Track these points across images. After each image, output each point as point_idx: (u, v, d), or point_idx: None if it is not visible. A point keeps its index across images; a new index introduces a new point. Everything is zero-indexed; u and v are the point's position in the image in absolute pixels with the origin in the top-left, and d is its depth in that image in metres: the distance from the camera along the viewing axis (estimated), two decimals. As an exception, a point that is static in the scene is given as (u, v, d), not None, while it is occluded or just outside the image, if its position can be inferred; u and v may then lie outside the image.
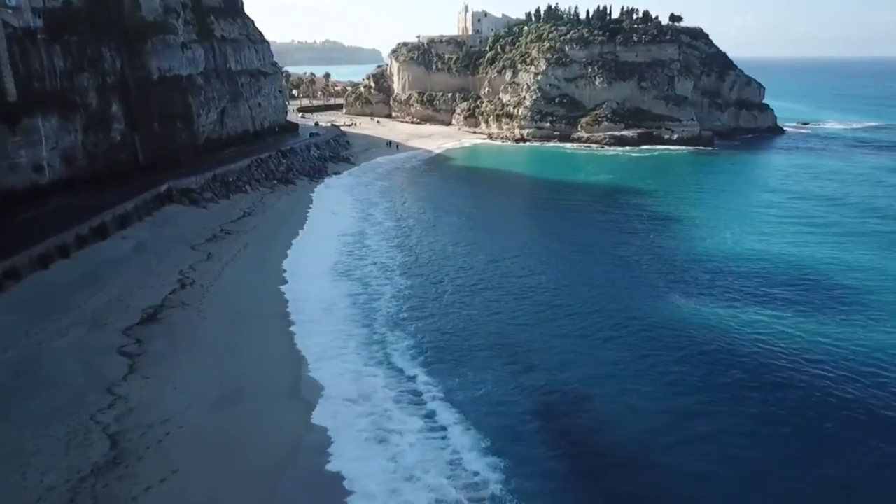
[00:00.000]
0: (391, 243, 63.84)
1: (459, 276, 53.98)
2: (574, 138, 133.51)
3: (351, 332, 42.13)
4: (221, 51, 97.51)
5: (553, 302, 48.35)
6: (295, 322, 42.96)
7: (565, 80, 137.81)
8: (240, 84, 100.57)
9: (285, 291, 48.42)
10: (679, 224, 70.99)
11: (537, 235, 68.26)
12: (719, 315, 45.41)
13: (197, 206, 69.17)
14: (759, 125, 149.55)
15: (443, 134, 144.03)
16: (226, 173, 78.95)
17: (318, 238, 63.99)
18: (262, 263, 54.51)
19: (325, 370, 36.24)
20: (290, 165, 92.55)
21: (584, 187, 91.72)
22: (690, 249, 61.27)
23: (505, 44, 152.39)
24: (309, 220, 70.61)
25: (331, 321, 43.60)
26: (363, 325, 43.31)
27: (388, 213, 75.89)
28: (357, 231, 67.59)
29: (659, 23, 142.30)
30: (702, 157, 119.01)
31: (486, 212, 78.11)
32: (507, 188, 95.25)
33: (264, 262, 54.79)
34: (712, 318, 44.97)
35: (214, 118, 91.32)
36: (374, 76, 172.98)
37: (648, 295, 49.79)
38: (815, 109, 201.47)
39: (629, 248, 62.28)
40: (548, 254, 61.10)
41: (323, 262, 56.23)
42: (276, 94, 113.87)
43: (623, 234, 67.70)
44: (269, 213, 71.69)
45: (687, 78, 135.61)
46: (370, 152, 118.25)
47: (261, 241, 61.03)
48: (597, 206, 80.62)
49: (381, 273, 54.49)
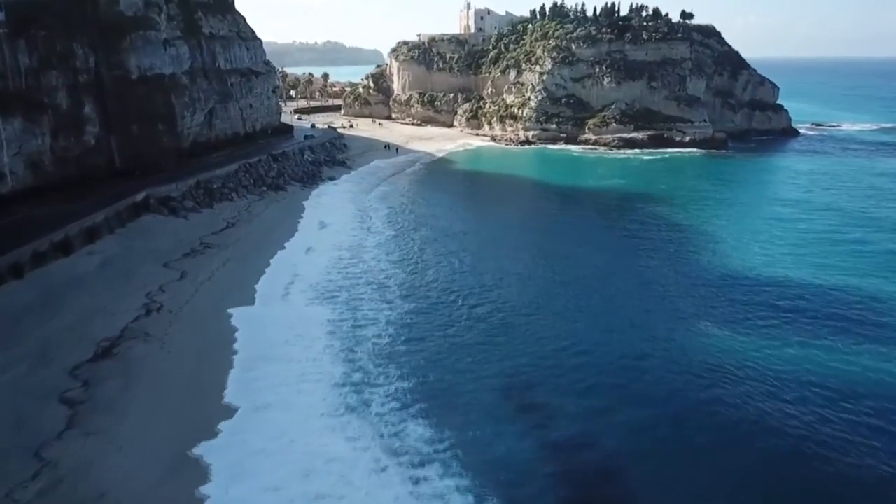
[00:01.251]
0: (387, 258, 58.17)
1: (462, 299, 48.30)
2: (581, 140, 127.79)
3: (320, 371, 36.01)
4: (210, 49, 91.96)
5: (571, 331, 42.69)
6: (239, 357, 36.65)
7: (572, 80, 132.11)
8: (229, 84, 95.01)
9: (237, 321, 41.75)
10: (702, 237, 65.21)
11: (547, 249, 62.48)
12: (763, 352, 39.58)
13: (176, 216, 63.52)
14: (773, 127, 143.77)
15: (444, 136, 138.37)
16: (210, 179, 73.28)
17: (307, 252, 58.32)
18: (242, 283, 48.79)
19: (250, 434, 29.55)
20: (282, 170, 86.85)
21: (596, 194, 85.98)
22: (717, 268, 55.50)
23: (509, 42, 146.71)
24: (299, 232, 64.89)
25: (294, 356, 37.62)
26: (344, 361, 37.52)
27: (386, 224, 70.22)
28: (350, 244, 61.89)
29: (669, 20, 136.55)
30: (716, 160, 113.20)
31: (492, 223, 72.33)
32: (512, 195, 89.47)
33: (244, 282, 49.08)
34: (755, 355, 39.09)
35: (201, 120, 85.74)
36: (374, 76, 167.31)
37: (675, 323, 44.10)
38: (826, 110, 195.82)
39: (649, 265, 56.58)
40: (561, 270, 55.41)
41: (307, 281, 50.56)
42: (268, 94, 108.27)
43: (641, 248, 61.94)
44: (256, 223, 65.98)
45: (699, 77, 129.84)
46: (368, 156, 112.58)
47: (243, 256, 55.33)
48: (610, 215, 74.88)
49: (375, 294, 48.79)
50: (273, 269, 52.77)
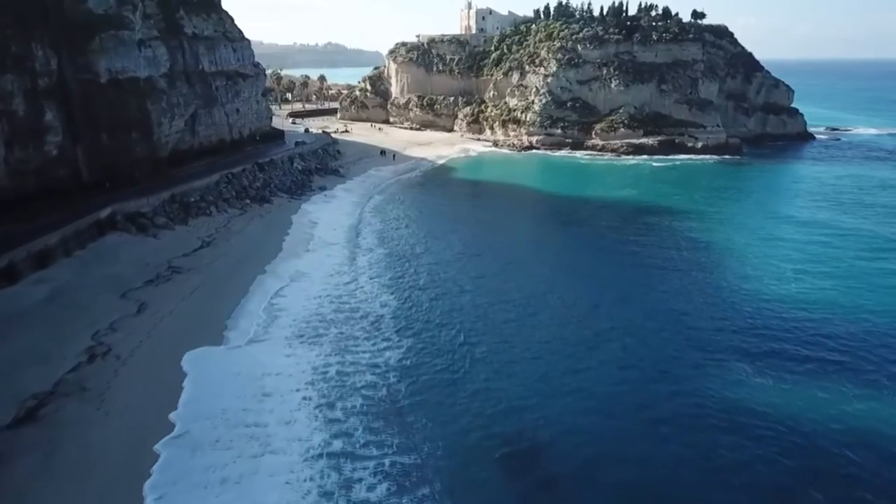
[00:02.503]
0: (380, 283, 52.04)
1: (464, 335, 42.19)
2: (587, 146, 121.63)
3: (290, 437, 29.66)
4: (192, 50, 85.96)
5: (589, 379, 36.57)
6: (186, 421, 30.15)
7: (578, 83, 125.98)
8: (214, 87, 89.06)
9: (196, 369, 35.29)
10: (725, 256, 59.04)
11: (556, 273, 56.16)
12: (807, 399, 33.64)
13: (145, 235, 57.39)
14: (788, 131, 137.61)
15: (444, 141, 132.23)
16: (187, 192, 67.17)
17: (290, 277, 52.11)
18: (211, 317, 42.61)
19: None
20: (268, 180, 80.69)
21: (606, 208, 79.59)
22: (745, 293, 49.31)
23: (511, 43, 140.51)
24: (283, 252, 58.48)
25: (261, 417, 31.31)
26: (324, 422, 31.33)
27: (379, 242, 64.05)
28: (339, 266, 55.74)
29: (680, 20, 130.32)
30: (731, 167, 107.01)
31: (494, 243, 65.84)
32: (516, 210, 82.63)
33: (213, 316, 42.90)
34: (797, 403, 33.25)
35: (181, 126, 79.67)
36: (371, 79, 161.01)
37: (703, 362, 38.07)
38: (838, 113, 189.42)
39: (669, 289, 50.45)
40: (572, 298, 49.19)
41: (288, 313, 44.46)
42: (257, 98, 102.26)
43: (660, 269, 55.77)
44: (235, 241, 59.78)
45: (711, 80, 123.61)
46: (363, 163, 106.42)
47: (216, 282, 49.15)
48: (623, 232, 68.51)
49: (365, 330, 42.64)
50: (249, 299, 46.48)
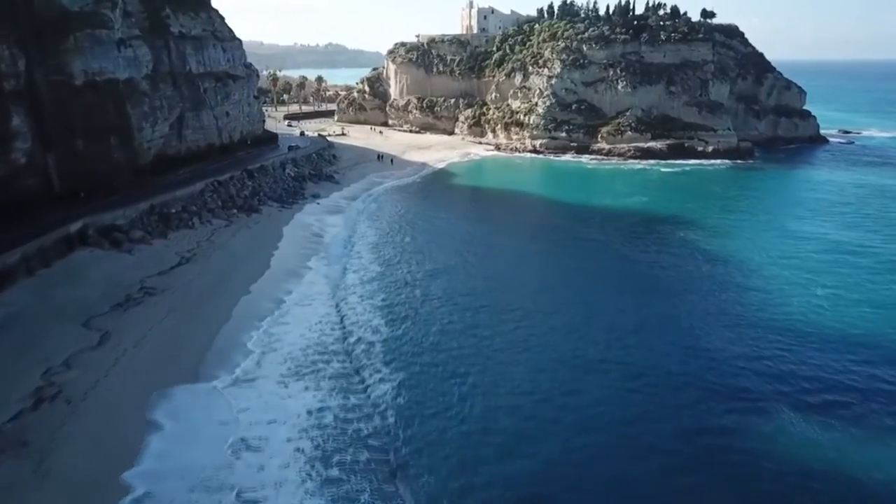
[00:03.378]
0: (372, 304, 47.61)
1: (470, 369, 37.71)
2: (593, 150, 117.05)
3: None
4: (179, 50, 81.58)
5: (611, 418, 32.13)
6: (147, 486, 25.85)
7: (583, 84, 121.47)
8: (202, 89, 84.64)
9: (162, 416, 30.93)
10: (747, 276, 54.25)
11: (567, 296, 51.45)
12: (860, 454, 29.18)
13: (119, 251, 52.92)
14: (800, 134, 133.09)
15: (444, 144, 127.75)
16: (168, 202, 62.71)
17: (278, 299, 47.59)
18: (183, 349, 38.10)
19: None
20: (257, 188, 76.12)
21: (616, 217, 74.91)
22: (774, 320, 44.71)
23: (514, 43, 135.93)
24: (270, 269, 53.87)
25: (237, 478, 26.90)
26: (318, 484, 26.84)
27: (375, 256, 59.46)
28: (331, 286, 51.19)
29: (689, 19, 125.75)
30: (744, 173, 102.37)
31: (497, 258, 60.95)
32: (520, 219, 77.70)
33: (186, 347, 38.39)
34: (851, 457, 28.78)
35: (166, 131, 75.25)
36: (369, 80, 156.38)
37: (737, 404, 33.57)
38: (848, 115, 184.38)
39: (689, 314, 45.87)
40: (585, 324, 44.68)
41: (276, 343, 39.98)
42: (248, 100, 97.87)
43: (677, 290, 51.23)
44: (217, 257, 55.26)
45: (722, 81, 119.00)
46: (360, 168, 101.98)
47: (193, 305, 44.68)
48: (636, 245, 63.86)
49: (363, 362, 38.29)
50: (232, 327, 41.95)
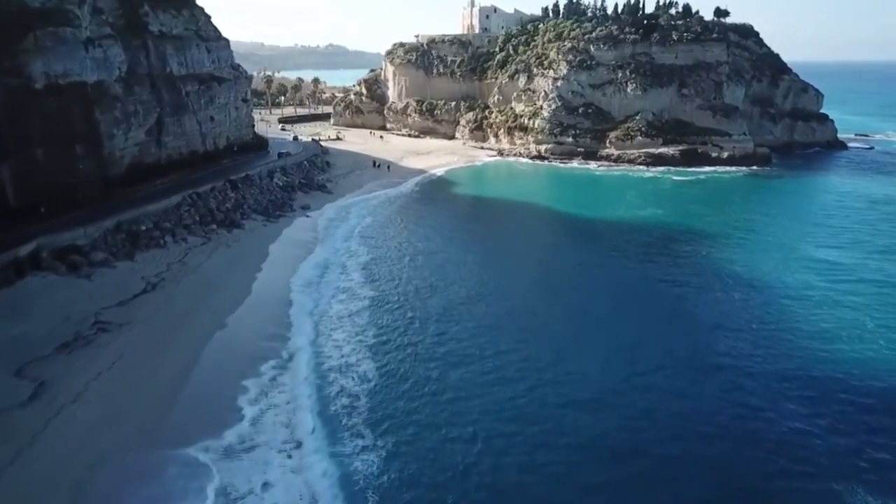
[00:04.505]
0: (363, 342, 41.68)
1: (478, 421, 31.82)
2: (601, 156, 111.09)
3: None
4: (158, 50, 75.94)
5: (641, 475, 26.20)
6: None
7: (590, 87, 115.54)
8: (184, 92, 78.80)
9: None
10: (788, 304, 48.19)
11: (582, 326, 45.71)
12: None
13: (77, 276, 46.99)
14: (818, 139, 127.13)
15: (445, 150, 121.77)
16: (138, 218, 56.79)
17: (258, 334, 41.66)
18: (131, 406, 32.12)
19: None
20: (240, 201, 70.11)
21: (632, 232, 68.83)
22: (824, 358, 38.90)
23: (518, 44, 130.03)
24: (251, 296, 47.93)
25: None
26: None
27: (366, 279, 53.33)
28: (319, 318, 45.17)
29: (701, 18, 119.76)
30: (763, 182, 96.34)
31: (500, 280, 54.79)
32: (526, 235, 70.73)
33: (134, 404, 32.41)
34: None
35: (141, 137, 69.45)
36: (367, 82, 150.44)
37: (793, 471, 27.67)
38: (861, 118, 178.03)
39: (723, 352, 40.01)
40: (599, 363, 38.76)
41: (250, 400, 33.94)
42: (236, 104, 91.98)
43: (705, 320, 45.34)
44: (189, 282, 49.28)
45: (737, 84, 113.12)
46: (355, 176, 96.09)
47: (153, 344, 38.72)
48: (658, 264, 57.78)
49: (349, 424, 32.40)
50: (200, 374, 35.83)
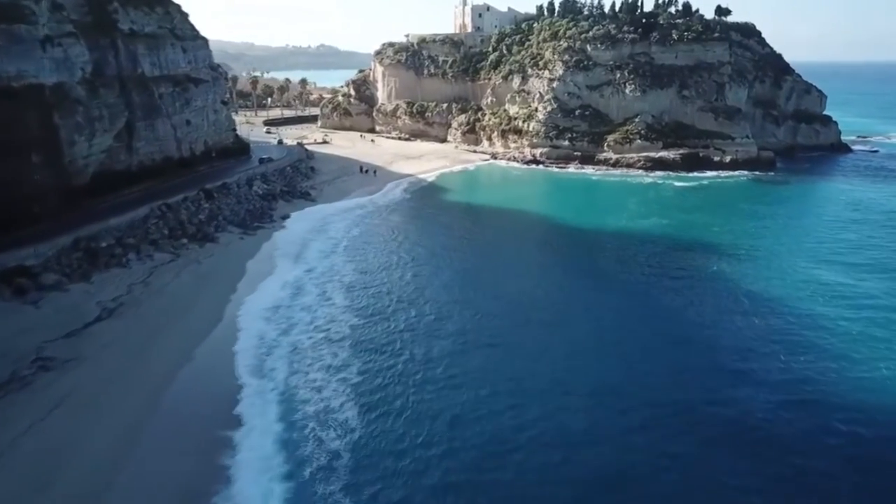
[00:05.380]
0: (346, 379, 36.95)
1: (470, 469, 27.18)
2: (599, 160, 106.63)
3: None
4: (129, 50, 71.12)
5: None
6: None
7: (587, 88, 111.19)
8: (157, 95, 73.92)
9: None
10: (810, 329, 43.76)
11: (578, 358, 41.19)
12: None
13: (23, 301, 42.15)
14: (821, 142, 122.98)
15: (436, 153, 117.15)
16: (98, 234, 51.89)
17: (223, 376, 36.85)
18: (64, 472, 27.31)
19: None
20: (215, 212, 65.24)
21: (636, 244, 64.18)
22: (867, 403, 34.54)
23: (512, 43, 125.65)
24: (222, 323, 43.18)
25: None
26: None
27: (349, 304, 48.27)
28: (293, 353, 40.30)
29: (702, 17, 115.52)
30: (769, 188, 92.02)
31: (504, 304, 50.15)
32: (526, 251, 64.97)
33: (69, 466, 27.60)
34: None
35: (109, 144, 64.54)
36: (355, 83, 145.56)
37: None
38: (864, 120, 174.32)
39: (740, 384, 35.57)
40: (618, 401, 34.24)
41: (225, 455, 29.29)
42: (214, 107, 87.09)
43: (721, 345, 40.88)
44: (151, 307, 44.43)
45: (740, 85, 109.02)
46: (341, 183, 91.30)
47: (99, 386, 33.92)
48: (666, 281, 53.37)
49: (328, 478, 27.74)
50: (157, 425, 31.14)
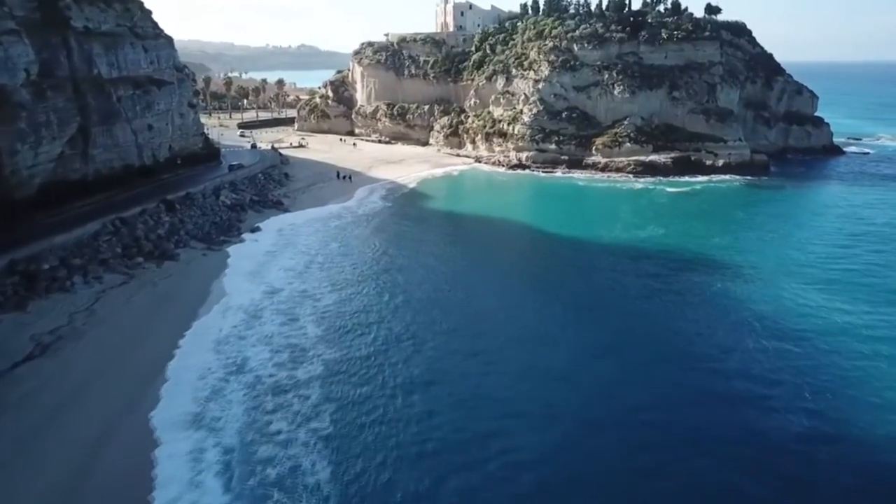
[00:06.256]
0: (319, 436, 32.11)
1: None
2: (587, 164, 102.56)
3: None
4: (83, 49, 65.85)
5: None
6: None
7: (574, 89, 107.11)
8: (115, 98, 68.46)
9: None
10: (835, 356, 39.82)
11: (569, 396, 36.76)
12: None
13: (-59, 338, 36.82)
14: (813, 144, 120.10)
15: (418, 157, 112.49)
16: (39, 254, 46.45)
17: (171, 427, 31.85)
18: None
19: None
20: (177, 225, 59.90)
21: (633, 258, 59.43)
22: None
23: (496, 43, 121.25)
24: (174, 362, 37.98)
25: None
26: None
27: (323, 334, 43.42)
28: (241, 391, 35.47)
29: (691, 15, 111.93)
30: (765, 193, 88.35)
31: (476, 322, 46.16)
32: (514, 266, 60.14)
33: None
34: None
35: (58, 152, 59.06)
36: (333, 84, 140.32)
37: None
38: (855, 121, 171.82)
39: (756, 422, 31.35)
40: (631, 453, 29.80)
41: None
42: (180, 110, 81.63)
43: (734, 372, 36.65)
44: (94, 340, 39.18)
45: (732, 86, 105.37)
46: (316, 190, 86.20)
47: (25, 446, 28.77)
48: (668, 302, 49.11)
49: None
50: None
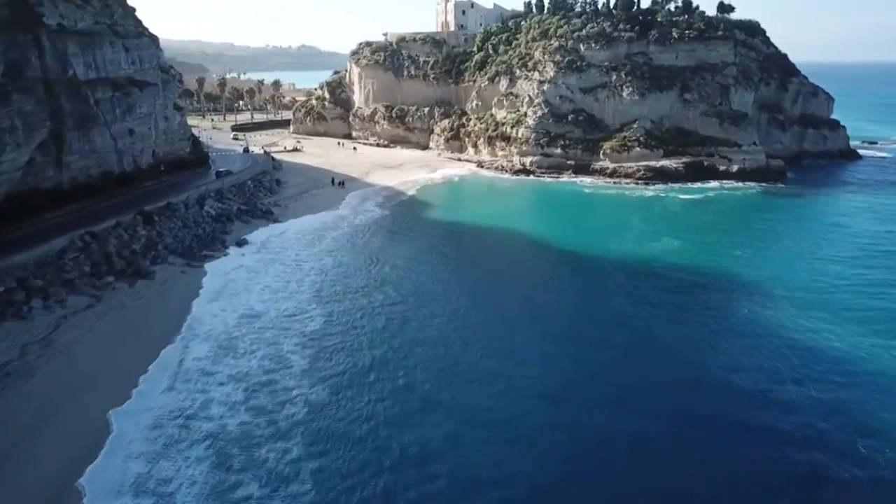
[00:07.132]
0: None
1: None
2: (594, 170, 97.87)
3: None
4: (57, 48, 61.35)
5: None
6: None
7: (581, 91, 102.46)
8: (92, 101, 63.95)
9: None
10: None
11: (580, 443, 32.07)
12: None
13: None
14: (829, 148, 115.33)
15: (417, 162, 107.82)
16: (-5, 276, 41.93)
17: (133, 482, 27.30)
18: None
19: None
20: (154, 239, 55.16)
21: (648, 274, 54.80)
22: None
23: (498, 43, 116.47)
24: (132, 399, 33.55)
25: None
26: None
27: (310, 365, 38.81)
28: (203, 441, 30.82)
29: (703, 13, 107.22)
30: (784, 201, 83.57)
31: (480, 352, 41.51)
32: (521, 286, 53.58)
33: None
34: None
35: (25, 159, 54.55)
36: (330, 85, 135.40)
37: None
38: (866, 124, 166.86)
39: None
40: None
41: None
42: (165, 113, 77.01)
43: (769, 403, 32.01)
44: (47, 376, 34.50)
45: (746, 88, 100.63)
46: (309, 198, 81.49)
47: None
48: (691, 325, 44.61)
49: None
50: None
